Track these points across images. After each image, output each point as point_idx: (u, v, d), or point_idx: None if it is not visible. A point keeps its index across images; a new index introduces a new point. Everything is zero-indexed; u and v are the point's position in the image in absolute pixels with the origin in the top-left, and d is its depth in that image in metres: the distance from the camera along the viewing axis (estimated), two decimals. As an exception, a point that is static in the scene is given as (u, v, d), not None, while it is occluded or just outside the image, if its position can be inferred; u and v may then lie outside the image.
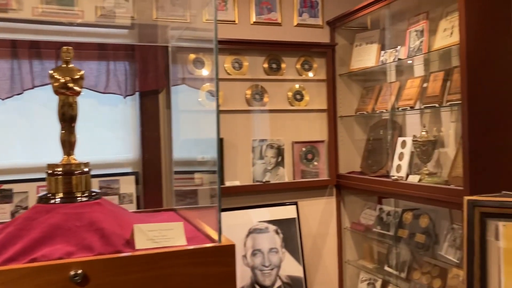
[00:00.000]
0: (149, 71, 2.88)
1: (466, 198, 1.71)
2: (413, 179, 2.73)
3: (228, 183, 3.13)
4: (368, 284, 3.21)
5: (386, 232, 3.09)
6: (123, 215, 1.59)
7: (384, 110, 3.09)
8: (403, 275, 2.91)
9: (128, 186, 2.88)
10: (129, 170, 2.95)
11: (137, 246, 1.40)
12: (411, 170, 2.88)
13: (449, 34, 2.54)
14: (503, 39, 2.34)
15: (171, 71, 2.71)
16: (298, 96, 3.36)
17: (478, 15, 2.26)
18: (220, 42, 3.00)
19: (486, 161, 2.26)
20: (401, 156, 2.92)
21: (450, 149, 2.74)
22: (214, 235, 1.53)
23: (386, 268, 3.09)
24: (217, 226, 1.49)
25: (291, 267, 3.14)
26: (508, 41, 2.35)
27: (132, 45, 2.87)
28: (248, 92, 3.23)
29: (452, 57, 2.68)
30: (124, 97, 2.88)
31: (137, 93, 2.92)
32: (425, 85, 2.80)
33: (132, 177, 2.92)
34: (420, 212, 2.87)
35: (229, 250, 1.46)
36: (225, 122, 3.15)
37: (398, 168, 2.91)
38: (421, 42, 2.72)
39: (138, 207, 2.87)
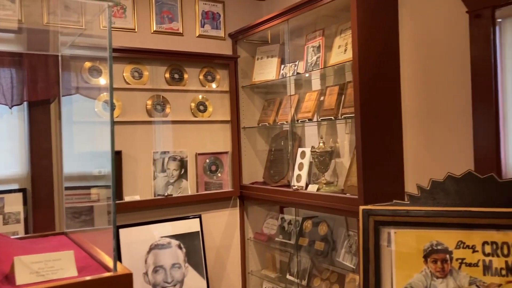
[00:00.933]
0: (39, 80, 2.66)
1: (361, 207, 1.80)
2: (312, 188, 2.83)
3: (127, 198, 2.99)
4: (271, 293, 3.25)
5: (288, 241, 3.16)
6: (3, 243, 1.41)
7: (285, 122, 3.17)
8: (304, 282, 2.99)
9: (14, 204, 2.61)
10: (15, 186, 2.69)
11: (18, 282, 1.24)
12: (310, 179, 2.99)
13: (343, 50, 2.68)
14: (392, 56, 2.53)
15: (61, 80, 2.53)
16: (201, 107, 3.32)
17: (369, 33, 2.42)
18: (118, 50, 2.88)
19: (377, 170, 2.41)
20: (300, 166, 3.02)
21: (346, 159, 2.89)
22: (110, 263, 1.41)
23: (288, 276, 3.15)
24: (112, 253, 1.38)
25: (194, 282, 3.07)
26: (396, 58, 2.54)
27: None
28: (149, 102, 3.13)
29: (346, 73, 2.84)
30: (10, 107, 2.62)
31: (25, 103, 2.68)
32: (322, 98, 2.93)
33: (19, 195, 2.66)
34: (319, 220, 2.98)
35: (126, 280, 1.35)
36: (124, 133, 3.02)
37: (298, 178, 2.99)
38: (318, 57, 2.84)
39: (26, 229, 2.61)
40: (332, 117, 2.74)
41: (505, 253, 1.60)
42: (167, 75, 3.19)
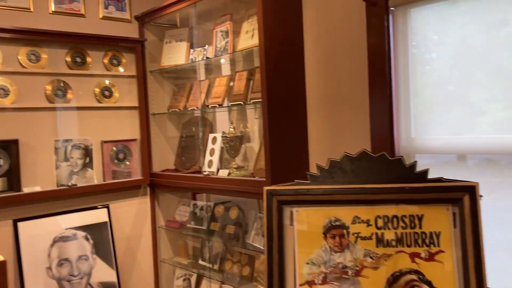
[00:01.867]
0: None
1: (265, 188, 1.84)
2: (223, 173, 2.85)
3: (26, 190, 2.80)
4: (184, 280, 3.24)
5: (200, 226, 3.16)
6: None
7: (195, 108, 3.14)
8: (216, 267, 3.02)
9: None
10: None
11: None
12: (222, 164, 3.00)
13: (250, 36, 2.71)
14: (297, 42, 2.60)
15: None
16: (106, 93, 3.19)
17: (275, 19, 2.46)
18: (11, 31, 2.67)
19: (284, 153, 2.48)
20: (212, 152, 3.02)
21: (255, 144, 2.93)
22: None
23: (200, 262, 3.16)
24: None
25: (103, 273, 2.97)
26: (300, 44, 2.61)
27: None
28: (49, 87, 2.94)
29: (254, 58, 2.87)
30: None
31: None
32: (231, 84, 2.94)
33: None
34: (231, 205, 3.01)
35: None
36: (21, 121, 2.81)
37: (210, 163, 2.99)
38: (227, 42, 2.84)
39: None
40: (242, 102, 2.77)
41: (395, 226, 1.72)
42: (68, 59, 3.02)
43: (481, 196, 1.62)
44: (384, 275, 1.71)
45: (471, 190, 1.62)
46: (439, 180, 1.68)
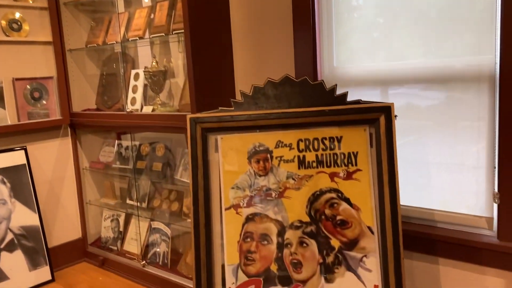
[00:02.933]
0: None
1: (189, 116, 1.81)
2: (147, 109, 2.76)
3: None
4: (112, 220, 3.19)
5: (126, 166, 3.08)
6: None
7: (115, 42, 2.97)
8: (144, 205, 2.99)
9: None
10: None
11: None
12: (146, 102, 2.91)
13: (171, -37, 2.56)
14: (219, -29, 2.50)
15: None
16: (15, 26, 2.92)
17: None
18: None
19: (209, 85, 2.43)
20: (134, 89, 2.90)
21: (180, 79, 2.86)
22: None
23: (128, 201, 3.11)
24: None
25: (24, 217, 2.84)
26: (222, -26, 2.51)
27: None
28: None
29: (176, -13, 2.74)
30: None
31: None
32: (152, 16, 2.80)
33: None
34: (156, 142, 2.95)
35: None
36: None
37: (133, 100, 2.89)
38: (146, -30, 2.67)
39: None
40: (163, 34, 2.65)
41: (316, 148, 1.77)
42: (-33, -15, 2.70)
43: (395, 116, 1.70)
44: (306, 195, 1.77)
45: (386, 111, 1.69)
46: (358, 102, 1.74)
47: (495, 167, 1.79)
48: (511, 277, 1.79)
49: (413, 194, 2.06)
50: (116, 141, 3.22)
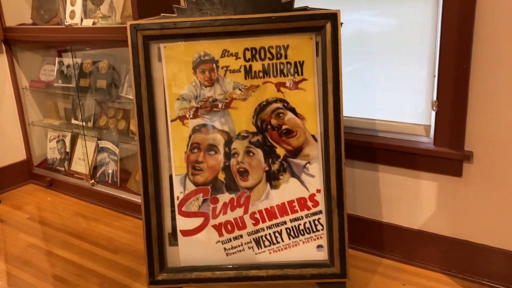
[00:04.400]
0: None
1: (129, 23, 1.72)
2: (87, 23, 2.61)
3: None
4: (58, 141, 3.10)
5: (69, 85, 2.96)
6: None
7: None
8: (90, 124, 2.91)
9: None
10: None
11: None
12: (86, 15, 2.73)
13: None
14: None
15: None
16: None
17: None
18: None
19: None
20: (73, 1, 2.71)
21: (122, -10, 2.68)
22: None
23: (73, 121, 3.02)
24: None
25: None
26: None
27: None
28: None
29: None
30: None
31: None
32: None
33: None
34: (99, 59, 2.82)
35: None
36: None
37: (72, 14, 2.70)
38: None
39: None
40: None
41: (262, 57, 1.75)
42: None
43: (341, 23, 1.69)
44: (252, 105, 1.77)
45: (332, 18, 1.67)
46: (304, 9, 1.70)
47: (435, 76, 1.85)
48: (443, 180, 1.91)
49: (357, 107, 2.11)
50: (57, 58, 3.05)
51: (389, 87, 2.02)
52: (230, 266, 1.81)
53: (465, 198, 1.88)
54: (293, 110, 1.77)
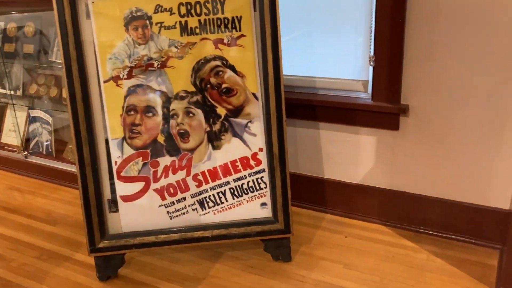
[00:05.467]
0: None
1: (51, -24, 1.59)
2: (8, -19, 2.40)
3: None
4: (-16, 112, 2.89)
5: (-8, 50, 2.74)
6: None
7: None
8: (19, 93, 2.73)
9: None
10: None
11: None
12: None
13: None
14: None
15: None
16: None
17: None
18: None
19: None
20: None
21: None
22: None
23: (1, 90, 2.81)
24: None
25: None
26: None
27: None
28: None
29: None
30: None
31: None
32: None
33: None
34: (24, 22, 2.62)
35: None
36: None
37: (-11, -28, 2.48)
38: None
39: None
40: None
41: (198, 12, 1.68)
42: None
43: (278, -24, 1.64)
44: (190, 63, 1.71)
45: (268, -30, 1.62)
46: (239, -39, 1.64)
47: (371, 31, 1.86)
48: (381, 134, 1.96)
49: (298, 66, 2.10)
50: (-24, 22, 2.80)
51: (329, 45, 2.01)
52: (174, 229, 1.78)
53: (402, 151, 1.94)
54: (232, 68, 1.73)
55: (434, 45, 1.74)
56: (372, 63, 1.88)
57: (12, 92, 2.73)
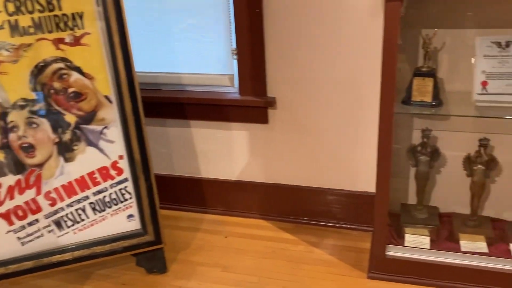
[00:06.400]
0: None
1: None
2: None
3: None
4: None
5: None
6: None
7: None
8: None
9: None
10: None
11: None
12: None
13: None
14: None
15: None
16: None
17: None
18: None
19: None
20: None
21: None
22: None
23: None
24: None
25: None
26: None
27: None
28: None
29: None
30: None
31: None
32: None
33: None
34: None
35: None
36: None
37: None
38: None
39: None
40: None
41: (30, 10, 1.47)
42: None
43: (119, -34, 1.49)
44: (27, 67, 1.50)
45: (108, -40, 1.46)
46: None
47: (231, 23, 1.78)
48: (251, 128, 1.91)
49: (163, 62, 1.96)
50: None
51: (191, 39, 1.90)
52: (28, 256, 1.58)
53: (274, 144, 1.91)
54: (78, 70, 1.54)
55: (294, 37, 1.71)
56: (235, 56, 1.81)
57: None
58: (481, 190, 1.62)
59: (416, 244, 1.63)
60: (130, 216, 1.67)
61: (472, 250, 1.59)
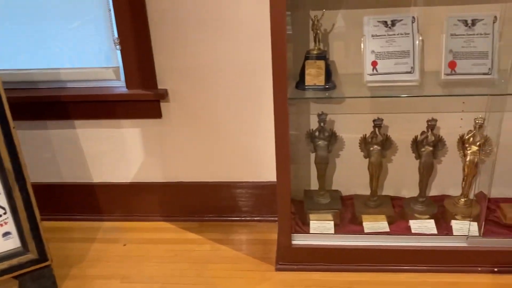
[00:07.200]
0: None
1: None
2: None
3: None
4: None
5: None
6: None
7: None
8: None
9: None
10: None
11: None
12: None
13: None
14: None
15: None
16: None
17: None
18: None
19: None
20: None
21: None
22: None
23: None
24: None
25: None
26: None
27: None
28: None
29: None
30: None
31: None
32: None
33: None
34: None
35: None
36: None
37: None
38: None
39: None
40: None
41: None
42: None
43: None
44: None
45: None
46: None
47: (110, 10, 1.62)
48: (144, 124, 1.77)
49: (39, 58, 1.75)
50: None
51: (67, 29, 1.71)
52: None
53: (170, 139, 1.79)
54: None
55: (181, 22, 1.59)
56: (118, 46, 1.65)
57: None
58: (379, 170, 1.63)
59: (321, 230, 1.61)
60: (6, 234, 1.45)
61: (375, 231, 1.59)
